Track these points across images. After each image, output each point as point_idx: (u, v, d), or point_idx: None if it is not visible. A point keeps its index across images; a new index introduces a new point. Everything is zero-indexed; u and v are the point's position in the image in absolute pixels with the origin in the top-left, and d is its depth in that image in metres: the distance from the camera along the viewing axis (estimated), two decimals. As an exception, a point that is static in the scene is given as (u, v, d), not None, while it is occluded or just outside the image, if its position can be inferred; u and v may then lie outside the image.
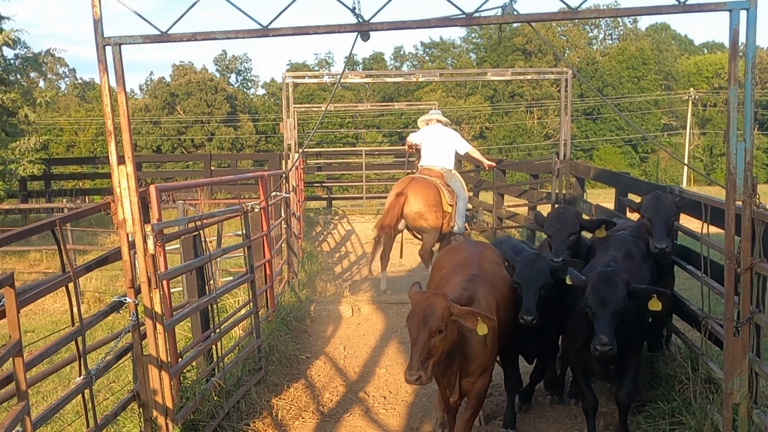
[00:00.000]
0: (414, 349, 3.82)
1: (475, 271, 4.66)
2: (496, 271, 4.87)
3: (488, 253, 5.15)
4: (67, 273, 3.71)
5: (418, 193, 9.11)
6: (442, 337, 3.84)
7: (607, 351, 4.19)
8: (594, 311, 4.32)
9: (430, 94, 47.45)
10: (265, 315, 6.99)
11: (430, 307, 3.85)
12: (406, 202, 9.06)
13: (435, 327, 3.80)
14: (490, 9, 3.76)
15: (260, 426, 5.25)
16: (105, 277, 10.20)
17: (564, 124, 10.37)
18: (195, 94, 51.48)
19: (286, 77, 10.49)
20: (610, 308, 4.27)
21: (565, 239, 5.40)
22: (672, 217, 5.21)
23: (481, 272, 4.66)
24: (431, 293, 4.00)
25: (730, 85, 3.72)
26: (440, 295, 3.95)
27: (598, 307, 4.30)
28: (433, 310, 3.83)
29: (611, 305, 4.28)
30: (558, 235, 5.43)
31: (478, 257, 4.93)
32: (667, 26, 66.01)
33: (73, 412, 5.08)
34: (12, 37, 16.70)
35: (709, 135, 53.40)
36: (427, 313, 3.83)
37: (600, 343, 4.20)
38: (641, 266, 5.11)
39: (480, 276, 4.59)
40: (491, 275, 4.72)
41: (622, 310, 4.30)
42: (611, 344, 4.19)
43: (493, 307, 4.39)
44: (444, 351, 3.92)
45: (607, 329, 4.23)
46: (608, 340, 4.20)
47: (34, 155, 17.18)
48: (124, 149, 3.99)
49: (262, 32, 3.84)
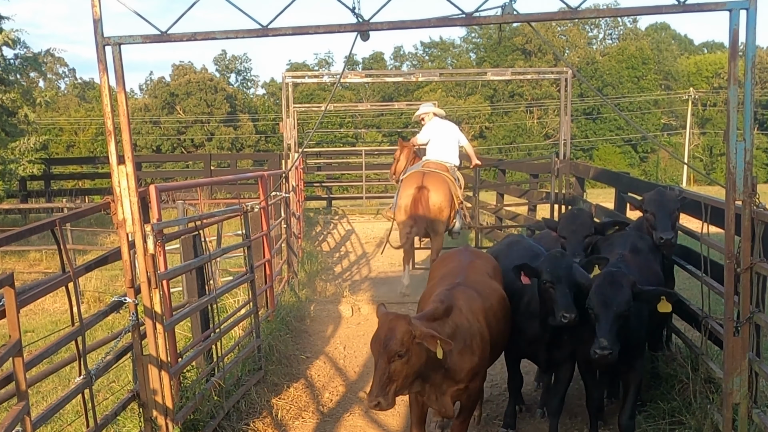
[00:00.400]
0: (375, 374, 3.69)
1: (460, 280, 4.54)
2: (483, 280, 4.71)
3: (479, 263, 4.99)
4: (67, 273, 3.71)
5: (438, 186, 8.79)
6: (403, 361, 3.69)
7: (606, 355, 4.06)
8: (596, 313, 4.22)
9: (429, 94, 47.43)
10: (265, 315, 6.99)
11: (391, 331, 3.70)
12: (429, 195, 8.73)
13: (394, 352, 3.65)
14: (489, 9, 3.76)
15: (260, 426, 5.25)
16: (105, 277, 10.19)
17: (564, 124, 10.36)
18: (195, 94, 51.47)
19: (286, 77, 10.49)
20: (612, 310, 4.15)
21: (580, 241, 5.39)
22: (676, 211, 5.23)
23: (466, 281, 4.54)
24: (393, 316, 3.84)
25: (730, 85, 3.72)
26: (402, 318, 3.80)
27: (600, 309, 4.19)
28: (393, 335, 3.69)
29: (614, 307, 4.16)
30: (574, 237, 5.42)
31: (467, 267, 4.82)
32: (667, 26, 66.02)
33: (73, 412, 5.07)
34: (12, 37, 16.72)
35: (709, 135, 53.40)
36: (388, 338, 3.69)
37: (599, 346, 4.08)
38: (650, 260, 5.05)
39: (464, 285, 4.47)
40: (478, 284, 4.57)
41: (625, 313, 4.18)
42: (611, 348, 4.07)
43: (478, 316, 4.28)
44: (408, 375, 3.77)
45: (608, 332, 4.11)
46: (608, 344, 4.07)
47: (33, 155, 17.19)
48: (124, 149, 3.99)
49: (262, 32, 3.84)
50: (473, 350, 4.16)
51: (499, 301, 4.65)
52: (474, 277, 4.69)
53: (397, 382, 3.71)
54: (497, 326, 4.51)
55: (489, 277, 4.82)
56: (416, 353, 3.75)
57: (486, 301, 4.47)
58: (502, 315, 4.61)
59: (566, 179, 9.81)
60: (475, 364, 4.20)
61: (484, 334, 4.25)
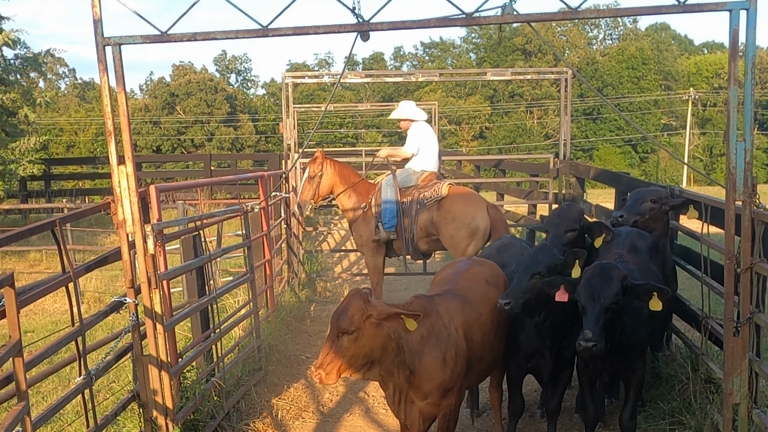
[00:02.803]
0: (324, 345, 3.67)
1: (449, 287, 4.41)
2: (475, 288, 4.49)
3: (478, 270, 4.76)
4: (67, 273, 3.71)
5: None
6: (351, 338, 3.61)
7: (590, 347, 3.92)
8: (583, 305, 4.09)
9: (430, 94, 47.45)
10: (265, 315, 7.00)
11: (345, 306, 3.67)
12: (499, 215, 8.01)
13: (344, 327, 3.60)
14: (489, 9, 3.76)
15: (260, 426, 5.25)
16: (105, 277, 10.19)
17: (564, 124, 10.35)
18: (195, 94, 51.49)
19: (286, 77, 10.48)
20: (600, 303, 4.03)
21: (560, 234, 5.15)
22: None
23: (455, 288, 4.40)
24: (354, 291, 3.78)
25: (730, 85, 3.72)
26: (358, 295, 3.72)
27: (587, 301, 4.06)
28: (346, 309, 3.64)
29: (602, 300, 4.03)
30: (554, 230, 5.21)
31: (462, 274, 4.66)
32: (667, 26, 66.08)
33: (73, 412, 5.07)
34: (12, 37, 16.71)
35: (709, 135, 53.40)
36: (340, 311, 3.67)
37: (584, 338, 3.94)
38: (649, 260, 4.94)
39: (452, 292, 4.33)
40: (467, 292, 4.39)
41: (613, 306, 4.06)
42: (596, 341, 3.93)
43: (459, 323, 4.10)
44: (356, 355, 3.66)
45: (594, 324, 3.98)
46: (593, 335, 3.93)
47: (34, 155, 17.19)
48: (124, 149, 3.99)
49: (262, 32, 3.84)
50: (446, 362, 3.97)
51: (492, 310, 4.41)
52: (465, 283, 4.52)
53: (343, 359, 3.63)
54: (484, 338, 4.32)
55: (486, 285, 4.62)
56: (368, 334, 3.66)
57: (473, 311, 4.29)
58: (492, 325, 4.41)
59: (566, 179, 9.81)
60: (447, 378, 3.98)
61: (461, 346, 4.06)
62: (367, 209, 8.01)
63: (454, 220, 7.71)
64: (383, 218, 7.91)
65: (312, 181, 7.93)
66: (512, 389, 4.86)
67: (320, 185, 7.97)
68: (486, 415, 5.48)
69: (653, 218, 5.32)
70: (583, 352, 4.00)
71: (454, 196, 7.89)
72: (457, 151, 34.11)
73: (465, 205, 7.80)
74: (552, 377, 4.77)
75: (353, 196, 8.08)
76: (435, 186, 7.94)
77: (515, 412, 4.88)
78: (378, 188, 8.10)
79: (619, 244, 4.97)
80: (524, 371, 4.83)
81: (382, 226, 7.89)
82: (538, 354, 4.64)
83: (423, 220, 7.85)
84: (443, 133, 46.41)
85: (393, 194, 7.96)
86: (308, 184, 7.96)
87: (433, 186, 7.95)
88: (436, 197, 7.83)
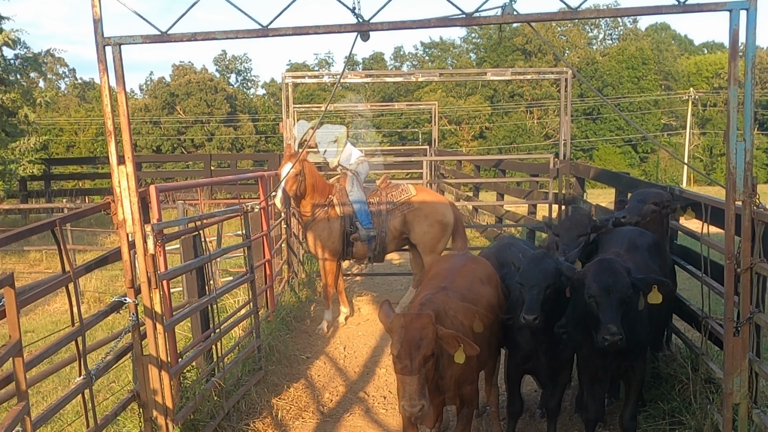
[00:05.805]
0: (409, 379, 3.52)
1: (446, 284, 4.42)
2: (472, 286, 4.53)
3: (472, 267, 4.81)
4: (67, 273, 3.71)
5: None
6: (434, 362, 3.60)
7: (617, 341, 3.90)
8: (598, 300, 4.04)
9: (430, 94, 47.45)
10: (265, 315, 7.00)
11: (422, 331, 3.59)
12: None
13: (430, 351, 3.54)
14: (490, 9, 3.76)
15: (260, 426, 5.25)
16: (105, 277, 10.20)
17: (564, 124, 10.35)
18: (195, 94, 51.50)
19: (286, 77, 10.48)
20: (615, 296, 4.00)
21: (573, 239, 5.23)
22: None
23: (451, 285, 4.41)
24: (415, 315, 3.70)
25: (730, 85, 3.72)
26: (426, 317, 3.67)
27: (602, 296, 4.02)
28: (425, 334, 3.57)
29: (616, 292, 4.01)
30: (567, 234, 5.31)
31: (457, 270, 4.67)
32: (667, 26, 66.04)
33: (73, 412, 5.07)
34: (12, 37, 16.73)
35: (709, 135, 53.39)
36: (420, 338, 3.56)
37: (609, 332, 3.90)
38: (648, 258, 4.93)
39: (449, 289, 4.35)
40: (464, 290, 4.42)
41: (627, 300, 4.04)
42: (621, 333, 3.90)
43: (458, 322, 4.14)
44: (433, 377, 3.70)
45: (614, 318, 3.94)
46: (617, 329, 3.90)
47: (34, 155, 17.20)
48: (124, 149, 3.99)
49: (262, 32, 3.84)
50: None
51: (486, 308, 4.45)
52: (461, 281, 4.53)
53: (429, 382, 3.61)
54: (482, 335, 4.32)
55: (480, 283, 4.65)
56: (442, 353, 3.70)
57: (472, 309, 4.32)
58: (486, 321, 4.41)
59: (566, 179, 9.81)
60: (460, 371, 4.04)
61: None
62: (329, 208, 7.85)
63: (427, 217, 7.85)
64: (360, 218, 7.83)
65: (296, 178, 7.73)
66: (511, 390, 4.88)
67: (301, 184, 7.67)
68: (486, 414, 5.48)
69: (654, 221, 5.39)
70: (610, 346, 3.97)
71: (424, 194, 8.14)
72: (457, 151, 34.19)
73: (435, 203, 8.04)
74: (550, 378, 4.78)
75: (315, 196, 7.84)
76: (401, 186, 8.08)
77: (514, 412, 4.91)
78: (340, 188, 7.97)
79: (618, 243, 4.99)
80: (522, 372, 4.87)
81: (361, 225, 7.82)
82: (535, 355, 4.65)
83: (395, 219, 7.87)
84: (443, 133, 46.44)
85: (361, 194, 7.93)
86: (293, 181, 7.62)
87: (398, 186, 8.08)
88: (406, 196, 7.92)
